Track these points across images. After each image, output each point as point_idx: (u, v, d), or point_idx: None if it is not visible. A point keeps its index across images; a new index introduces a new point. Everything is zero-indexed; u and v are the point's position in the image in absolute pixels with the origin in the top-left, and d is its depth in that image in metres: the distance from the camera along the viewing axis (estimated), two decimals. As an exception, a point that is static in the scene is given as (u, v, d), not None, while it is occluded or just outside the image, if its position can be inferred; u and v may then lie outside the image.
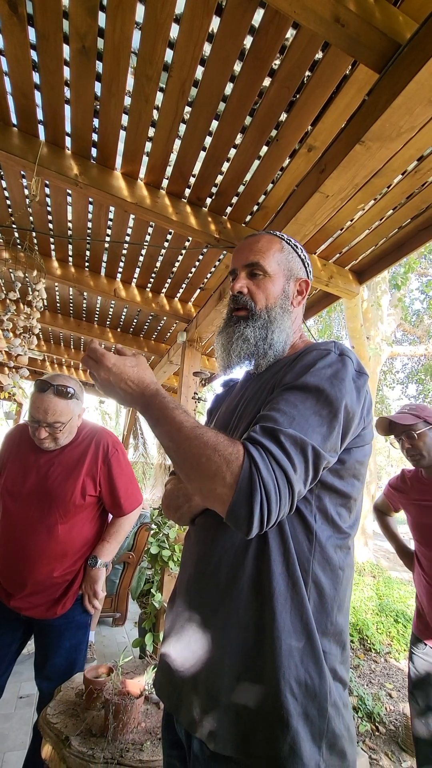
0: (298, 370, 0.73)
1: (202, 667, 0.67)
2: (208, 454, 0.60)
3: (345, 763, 0.61)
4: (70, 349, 5.03)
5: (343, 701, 0.65)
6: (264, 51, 1.42)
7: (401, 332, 10.31)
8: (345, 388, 0.68)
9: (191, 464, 0.62)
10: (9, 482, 1.53)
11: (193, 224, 2.18)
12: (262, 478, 0.58)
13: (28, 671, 2.54)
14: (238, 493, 0.58)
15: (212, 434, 0.64)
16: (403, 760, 2.44)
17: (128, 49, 1.47)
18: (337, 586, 0.69)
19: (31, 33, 1.47)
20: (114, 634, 3.60)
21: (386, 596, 4.88)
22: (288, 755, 0.57)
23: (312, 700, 0.61)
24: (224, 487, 0.58)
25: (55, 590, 1.47)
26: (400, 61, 1.18)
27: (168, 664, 0.74)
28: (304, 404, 0.66)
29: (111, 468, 1.57)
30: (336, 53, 1.38)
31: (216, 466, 0.59)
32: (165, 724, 0.80)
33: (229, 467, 0.59)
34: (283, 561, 0.66)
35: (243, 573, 0.68)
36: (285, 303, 0.90)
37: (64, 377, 1.51)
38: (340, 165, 1.45)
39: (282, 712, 0.59)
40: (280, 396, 0.69)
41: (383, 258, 2.40)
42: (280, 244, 0.92)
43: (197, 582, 0.74)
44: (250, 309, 0.88)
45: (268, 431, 0.63)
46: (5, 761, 1.90)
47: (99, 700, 1.28)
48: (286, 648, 0.62)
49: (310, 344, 0.83)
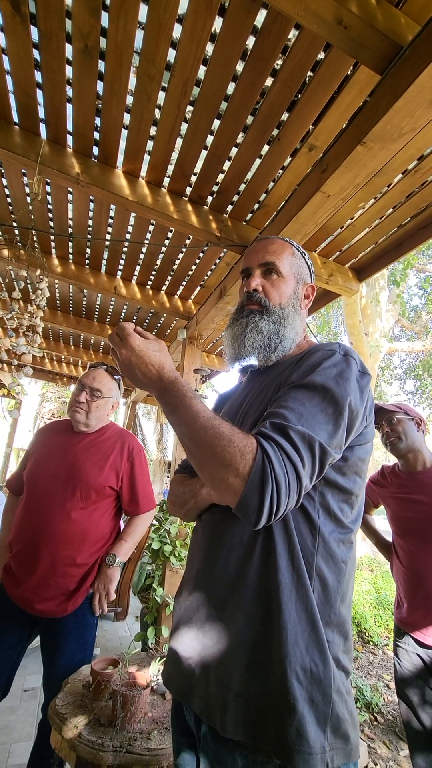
0: (305, 369, 0.75)
1: (213, 657, 0.70)
2: (223, 445, 0.62)
3: (348, 746, 0.64)
4: (69, 346, 5.03)
5: (346, 688, 0.68)
6: (266, 51, 1.43)
7: (399, 328, 10.33)
8: (349, 387, 0.71)
9: (205, 452, 0.64)
10: (35, 466, 1.60)
11: (194, 222, 2.19)
12: (274, 470, 0.60)
13: (32, 665, 2.59)
14: (250, 483, 0.60)
15: (227, 426, 0.65)
16: (401, 748, 2.50)
17: (131, 49, 1.48)
18: (340, 578, 0.72)
19: (33, 32, 1.48)
20: (116, 629, 3.65)
21: (384, 590, 4.94)
22: (295, 738, 0.60)
23: (317, 686, 0.63)
24: (237, 477, 0.60)
25: (67, 582, 1.47)
26: (401, 63, 1.19)
27: (178, 655, 0.77)
28: (311, 402, 0.68)
29: (134, 466, 1.66)
30: (338, 54, 1.39)
31: (230, 456, 0.61)
32: (174, 713, 0.83)
33: (243, 458, 0.61)
34: (288, 555, 0.69)
35: (250, 567, 0.70)
36: (296, 303, 0.94)
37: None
38: (341, 165, 1.46)
39: (289, 698, 0.62)
40: (287, 394, 0.72)
41: (383, 256, 2.42)
42: (291, 249, 0.96)
43: (206, 576, 0.77)
44: (264, 305, 0.90)
45: (278, 427, 0.65)
46: (12, 752, 1.93)
47: (107, 691, 1.31)
48: (291, 637, 0.64)
49: (315, 345, 0.85)
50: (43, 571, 1.44)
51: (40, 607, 1.44)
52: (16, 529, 1.54)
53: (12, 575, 1.49)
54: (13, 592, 1.48)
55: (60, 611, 1.46)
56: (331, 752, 0.62)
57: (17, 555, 1.49)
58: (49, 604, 1.45)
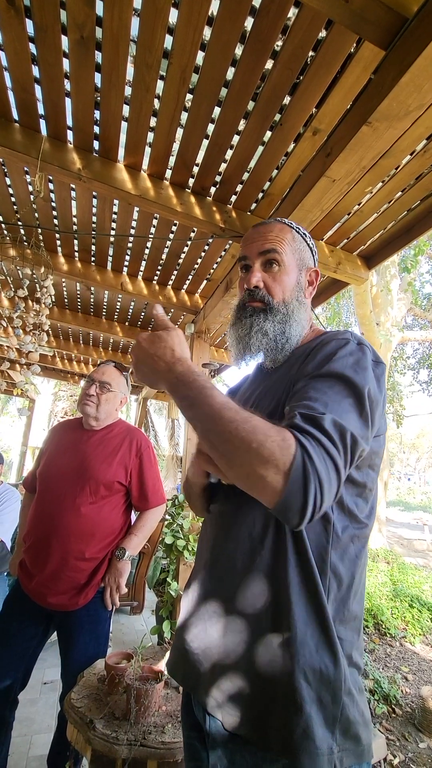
0: (320, 360, 0.71)
1: (219, 651, 0.69)
2: (260, 439, 0.56)
3: (360, 747, 0.63)
4: (79, 344, 5.07)
5: (357, 686, 0.66)
6: (265, 32, 1.38)
7: (411, 317, 10.13)
8: (367, 377, 0.68)
9: (238, 448, 0.57)
10: (47, 463, 1.64)
11: (197, 214, 2.16)
12: (315, 467, 0.55)
13: (51, 658, 2.63)
14: (292, 482, 0.54)
15: (258, 418, 0.60)
16: (421, 740, 2.47)
17: (127, 37, 1.45)
18: (355, 574, 0.70)
19: (29, 25, 1.46)
20: (132, 622, 3.69)
21: (401, 582, 4.89)
22: (301, 738, 0.58)
23: (326, 687, 0.61)
24: (277, 474, 0.55)
25: (78, 576, 1.49)
26: (407, 36, 1.14)
27: (184, 645, 0.76)
28: (332, 390, 0.65)
29: (142, 461, 1.68)
30: (340, 31, 1.34)
31: (269, 452, 0.55)
32: (184, 707, 0.82)
33: (283, 454, 0.55)
34: (301, 551, 0.67)
35: (260, 562, 0.69)
36: (300, 295, 0.89)
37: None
38: (346, 147, 1.41)
39: (296, 697, 0.60)
40: (308, 385, 0.68)
41: (392, 242, 2.35)
42: (291, 233, 0.90)
43: (214, 569, 0.76)
44: (267, 303, 0.85)
45: (309, 419, 0.60)
46: (32, 743, 1.98)
47: (121, 685, 1.32)
48: (301, 636, 0.63)
49: (324, 333, 0.82)
50: (54, 565, 1.47)
51: (52, 600, 1.47)
52: (29, 524, 1.58)
53: (26, 569, 1.53)
54: (27, 585, 1.51)
55: (72, 605, 1.48)
56: (340, 753, 0.60)
57: (30, 549, 1.53)
58: (61, 598, 1.47)
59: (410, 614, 4.12)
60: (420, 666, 3.43)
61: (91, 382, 1.69)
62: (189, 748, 0.78)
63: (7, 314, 2.39)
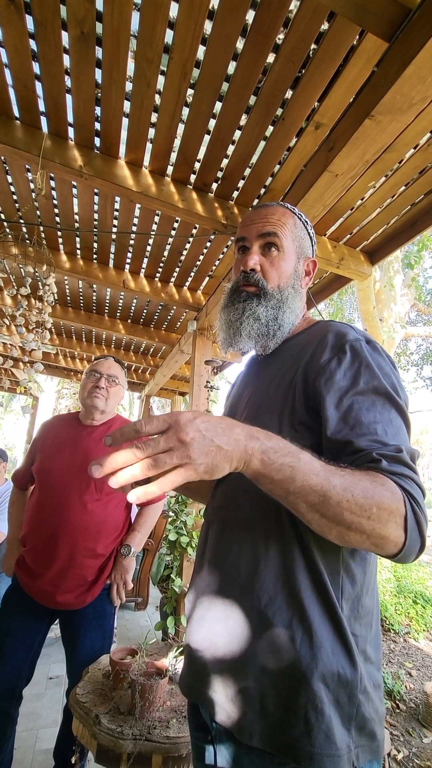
0: (347, 369, 0.68)
1: (225, 659, 0.66)
2: (377, 501, 0.53)
3: (375, 743, 0.62)
4: (82, 342, 5.07)
5: (373, 683, 0.64)
6: (267, 25, 1.37)
7: (415, 313, 10.06)
8: (395, 380, 0.69)
9: (359, 517, 0.52)
10: (46, 460, 1.61)
11: (199, 211, 2.15)
12: (421, 507, 0.56)
13: (56, 653, 2.65)
14: (411, 531, 0.54)
15: (359, 474, 0.55)
16: (425, 736, 2.48)
17: (128, 32, 1.44)
18: (366, 571, 0.68)
19: (29, 21, 1.45)
20: (137, 618, 3.71)
21: (404, 578, 4.89)
22: (324, 742, 0.57)
23: (343, 688, 0.60)
24: (398, 529, 0.54)
25: (86, 573, 1.49)
26: (410, 27, 1.12)
27: (190, 653, 0.73)
28: (389, 414, 0.65)
29: None
30: (342, 23, 1.32)
31: (388, 514, 0.53)
32: (190, 708, 0.80)
33: (399, 510, 0.54)
34: (309, 553, 0.64)
35: (266, 566, 0.66)
36: (296, 283, 0.86)
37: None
38: (349, 142, 1.40)
39: (316, 702, 0.58)
40: (357, 404, 0.64)
41: (396, 237, 2.33)
42: (294, 219, 0.87)
43: (217, 574, 0.72)
44: (262, 287, 0.83)
45: (397, 459, 0.58)
46: (39, 737, 2.00)
47: (125, 680, 1.33)
48: (316, 641, 0.60)
49: (317, 322, 0.79)
50: (61, 564, 1.46)
51: (60, 599, 1.46)
52: (31, 524, 1.55)
53: (27, 569, 1.51)
54: (29, 586, 1.50)
55: (79, 603, 1.48)
56: (356, 750, 0.59)
57: (33, 549, 1.51)
58: (69, 596, 1.47)
59: (414, 610, 4.12)
60: (424, 662, 3.43)
61: (98, 375, 1.66)
62: (196, 749, 0.77)
63: (10, 312, 2.39)
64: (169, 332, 4.36)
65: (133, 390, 6.97)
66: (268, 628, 0.63)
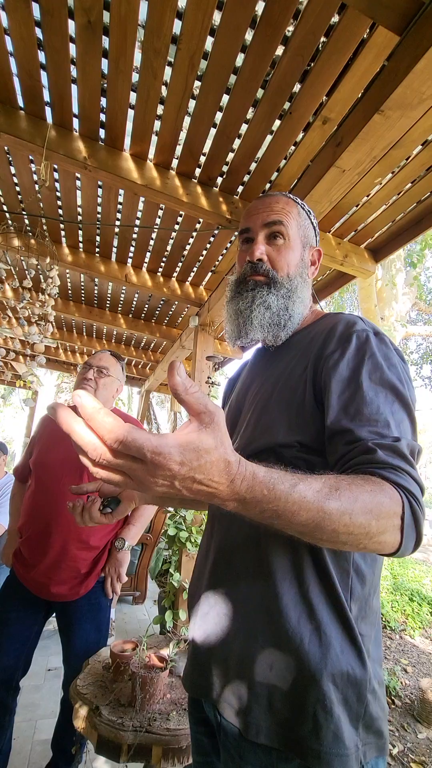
0: (352, 358, 0.67)
1: (231, 655, 0.66)
2: (375, 513, 0.51)
3: (381, 741, 0.62)
4: (82, 336, 5.06)
5: (378, 680, 0.64)
6: (276, 17, 1.35)
7: (416, 312, 10.05)
8: (402, 374, 0.68)
9: (357, 536, 0.51)
10: (42, 453, 1.62)
11: (204, 205, 2.14)
12: (418, 502, 0.55)
13: (55, 645, 2.66)
14: (407, 531, 0.54)
15: (358, 485, 0.52)
16: (419, 731, 2.50)
17: (135, 22, 1.42)
18: (374, 570, 0.68)
19: (35, 9, 1.43)
20: (134, 612, 3.73)
21: (401, 575, 4.92)
22: (332, 741, 0.57)
23: (352, 688, 0.60)
24: (396, 532, 0.53)
25: (79, 565, 1.50)
26: (423, 20, 1.11)
27: (194, 649, 0.73)
28: (393, 406, 0.63)
29: None
30: (353, 16, 1.31)
31: (386, 521, 0.52)
32: (191, 702, 0.79)
33: (397, 513, 0.53)
34: (322, 552, 0.63)
35: (275, 561, 0.65)
36: (304, 272, 0.85)
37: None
38: (357, 137, 1.39)
39: (326, 702, 0.58)
40: (359, 394, 0.63)
41: (400, 234, 2.32)
42: (297, 208, 0.86)
43: (223, 572, 0.72)
44: (272, 277, 0.81)
45: (392, 449, 0.57)
46: (37, 728, 2.01)
47: (126, 672, 1.33)
48: (325, 640, 0.60)
49: (340, 318, 0.75)
50: (54, 555, 1.47)
51: (54, 590, 1.47)
52: (26, 515, 1.57)
53: (23, 560, 1.53)
54: (24, 576, 1.51)
55: (72, 594, 1.49)
56: (363, 748, 0.59)
57: (28, 540, 1.52)
58: (63, 588, 1.48)
59: (410, 608, 4.15)
60: (419, 658, 3.46)
61: (88, 367, 1.68)
62: (197, 743, 0.77)
63: (12, 305, 2.38)
64: (170, 327, 4.35)
65: (133, 385, 6.97)
66: (276, 626, 0.62)
